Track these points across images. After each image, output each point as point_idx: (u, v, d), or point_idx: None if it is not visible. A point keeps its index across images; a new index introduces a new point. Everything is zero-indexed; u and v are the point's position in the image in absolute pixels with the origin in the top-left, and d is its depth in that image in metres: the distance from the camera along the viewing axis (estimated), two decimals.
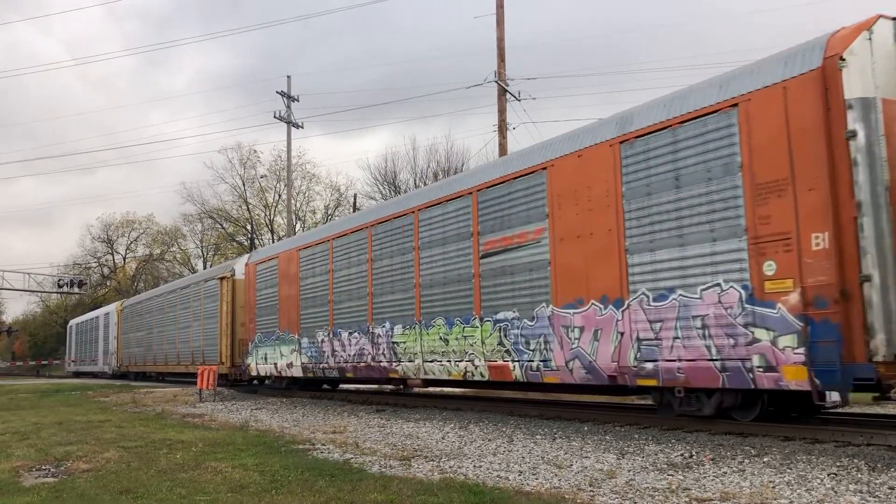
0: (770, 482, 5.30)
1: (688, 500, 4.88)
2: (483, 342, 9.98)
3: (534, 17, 73.16)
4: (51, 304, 66.21)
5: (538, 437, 8.22)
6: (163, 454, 7.58)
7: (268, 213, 49.89)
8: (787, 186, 6.60)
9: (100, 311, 38.91)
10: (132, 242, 61.85)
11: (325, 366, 14.07)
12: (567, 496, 5.11)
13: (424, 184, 36.53)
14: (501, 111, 20.39)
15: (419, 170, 38.91)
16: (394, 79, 70.50)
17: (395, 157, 48.85)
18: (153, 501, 5.36)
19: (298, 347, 15.08)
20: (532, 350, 9.21)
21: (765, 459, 6.20)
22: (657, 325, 7.65)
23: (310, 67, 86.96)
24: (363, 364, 12.77)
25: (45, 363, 53.47)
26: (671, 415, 8.29)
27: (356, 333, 13.09)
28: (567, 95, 64.88)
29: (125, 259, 62.05)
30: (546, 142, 9.61)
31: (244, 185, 49.79)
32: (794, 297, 6.49)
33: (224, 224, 51.51)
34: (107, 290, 58.45)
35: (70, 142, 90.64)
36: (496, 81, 20.22)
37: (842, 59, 6.28)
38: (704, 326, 7.20)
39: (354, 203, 37.31)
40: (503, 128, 20.37)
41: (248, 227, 50.23)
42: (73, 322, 45.11)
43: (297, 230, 41.75)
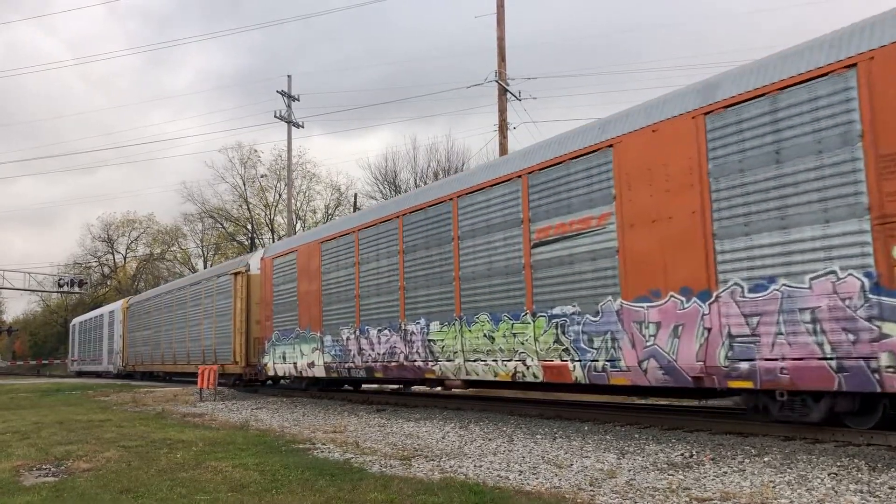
0: (770, 482, 5.30)
1: (688, 500, 4.88)
2: (536, 340, 9.10)
3: (534, 17, 73.24)
4: (51, 304, 66.24)
5: (538, 437, 8.22)
6: (163, 454, 7.59)
7: (268, 213, 49.98)
8: None
9: (104, 309, 37.61)
10: (132, 242, 61.98)
11: (351, 365, 13.19)
12: (567, 496, 5.11)
13: (425, 183, 36.32)
14: (502, 111, 20.40)
15: (419, 169, 38.97)
16: (394, 78, 70.61)
17: (396, 157, 49.00)
18: (154, 501, 5.36)
19: (320, 346, 14.24)
20: (596, 349, 8.35)
21: (765, 459, 6.20)
22: (754, 320, 6.80)
23: (310, 67, 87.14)
24: (395, 364, 11.93)
25: (46, 363, 53.49)
26: (765, 420, 7.58)
27: (386, 331, 12.24)
28: (567, 95, 64.91)
29: (125, 258, 62.15)
30: (610, 118, 8.75)
31: (244, 185, 49.90)
32: None
33: (224, 223, 51.61)
34: (107, 290, 58.48)
35: (70, 141, 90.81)
36: (497, 81, 20.22)
37: None
38: (815, 320, 6.35)
39: (355, 203, 37.29)
40: (504, 127, 20.37)
41: (249, 227, 50.32)
42: (76, 320, 43.97)
43: (298, 230, 41.75)
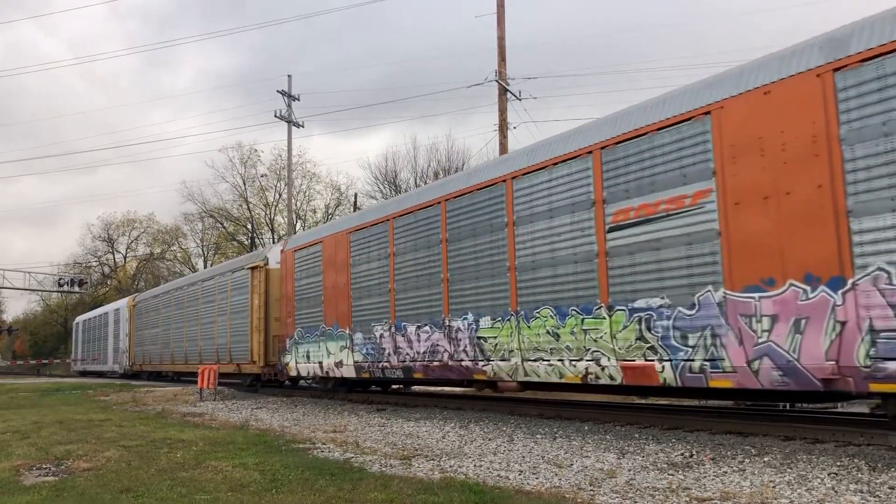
0: (770, 482, 5.30)
1: (688, 500, 4.88)
2: (613, 337, 8.10)
3: (534, 17, 73.24)
4: (51, 304, 66.27)
5: (538, 437, 8.22)
6: (163, 453, 7.59)
7: (268, 213, 50.02)
8: None
9: (109, 307, 36.19)
10: (133, 241, 62.05)
11: (386, 365, 12.23)
12: (567, 495, 5.11)
13: (425, 182, 36.23)
14: (502, 110, 20.40)
15: (420, 169, 38.96)
16: (394, 78, 70.63)
17: (396, 157, 49.15)
18: (154, 500, 5.36)
19: (350, 344, 13.28)
20: (691, 346, 7.32)
21: (765, 459, 6.20)
22: None
23: (310, 67, 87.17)
24: (437, 363, 10.99)
25: (46, 362, 53.49)
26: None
27: (427, 327, 11.27)
28: (567, 95, 64.91)
29: (126, 258, 62.19)
30: (705, 81, 7.68)
31: (245, 185, 49.96)
32: None
33: (224, 223, 51.65)
34: (107, 290, 58.51)
35: (71, 141, 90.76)
36: (497, 81, 20.23)
37: None
38: None
39: (355, 203, 37.26)
40: (504, 127, 20.38)
41: (249, 227, 50.34)
42: (79, 319, 42.70)
43: (298, 229, 41.76)
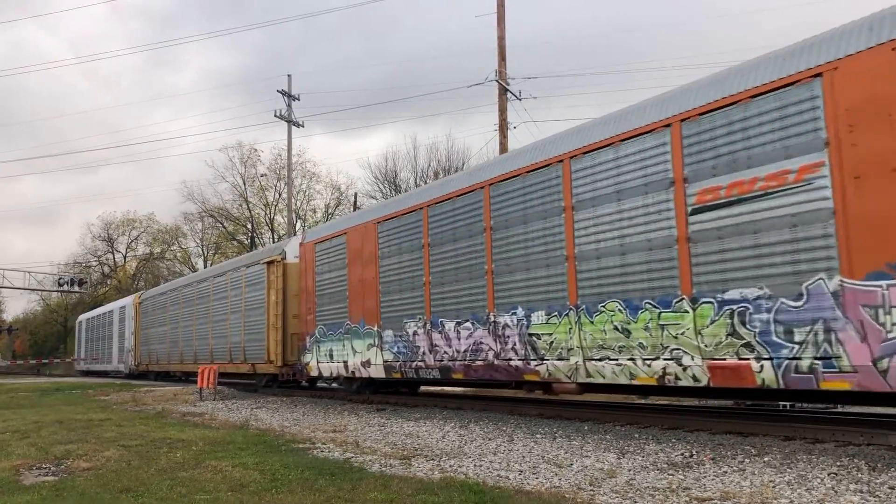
0: (770, 482, 5.30)
1: (688, 500, 4.88)
2: (698, 332, 7.31)
3: (534, 17, 73.26)
4: (51, 303, 66.28)
5: (538, 437, 8.22)
6: (163, 453, 7.59)
7: (268, 212, 50.03)
8: None
9: (114, 305, 35.18)
10: (133, 241, 62.03)
11: (421, 365, 11.50)
12: (567, 495, 5.11)
13: (425, 182, 36.10)
14: (502, 110, 20.41)
15: (420, 169, 38.93)
16: (394, 78, 70.68)
17: (396, 157, 49.16)
18: (154, 500, 5.36)
19: (379, 342, 12.56)
20: (798, 343, 6.55)
21: (765, 459, 6.20)
22: None
23: (311, 67, 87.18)
24: (480, 363, 10.23)
25: (46, 362, 53.46)
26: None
27: (468, 323, 10.50)
28: (567, 95, 64.93)
29: (125, 258, 62.19)
30: (812, 40, 6.81)
31: (244, 184, 49.95)
32: None
33: (224, 223, 51.65)
34: (107, 289, 58.50)
35: (72, 140, 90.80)
36: (497, 80, 20.24)
37: None
38: None
39: (355, 203, 37.23)
40: (504, 127, 20.39)
41: (249, 226, 50.34)
42: (83, 317, 41.93)
43: (297, 229, 41.74)
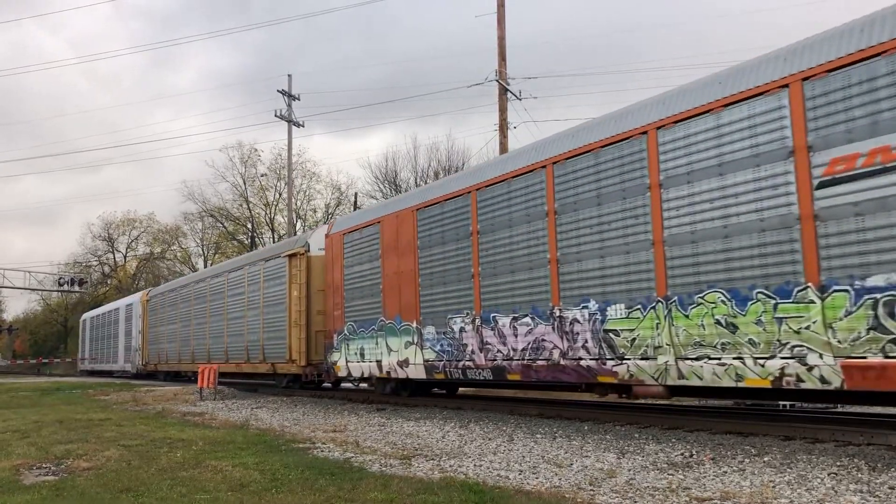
0: (770, 482, 5.30)
1: (688, 500, 4.89)
2: (828, 327, 6.41)
3: (534, 17, 73.27)
4: (51, 303, 66.29)
5: (538, 437, 8.22)
6: (163, 453, 7.59)
7: (268, 212, 50.00)
8: None
9: (120, 303, 34.15)
10: (133, 241, 62.00)
11: (469, 364, 10.67)
12: (567, 495, 5.11)
13: (425, 182, 35.93)
14: (502, 110, 20.40)
15: (420, 169, 38.87)
16: (395, 78, 70.68)
17: (396, 157, 49.11)
18: (154, 500, 5.36)
19: (418, 340, 11.79)
20: None
21: (765, 459, 6.20)
22: None
23: (311, 67, 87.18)
24: (543, 362, 9.35)
25: (46, 362, 53.50)
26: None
27: (527, 318, 9.63)
28: (567, 95, 64.94)
29: (126, 257, 62.18)
30: None
31: (245, 184, 49.91)
32: None
33: (224, 223, 51.64)
34: (107, 289, 58.49)
35: (73, 140, 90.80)
36: (497, 80, 20.23)
37: None
38: None
39: (355, 203, 37.18)
40: (504, 127, 20.38)
41: (249, 226, 50.33)
42: (87, 316, 40.97)
43: (298, 229, 41.73)
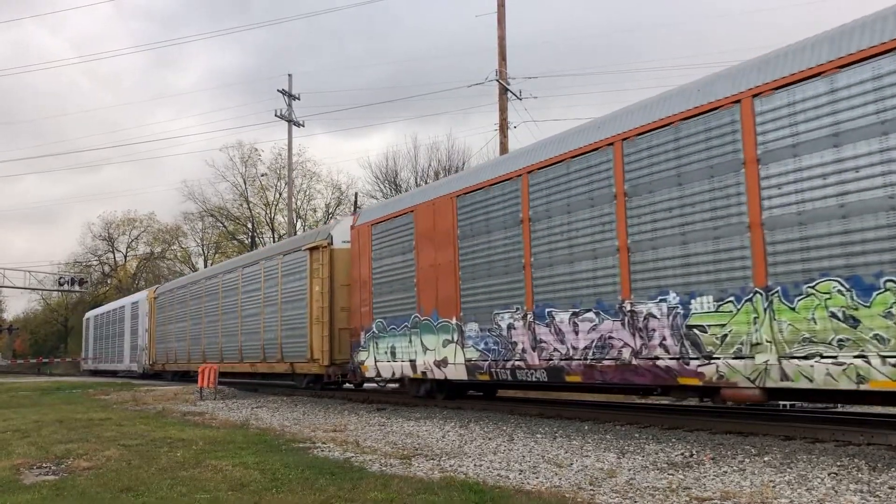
0: (770, 481, 5.30)
1: (688, 500, 4.89)
2: None
3: (535, 16, 73.24)
4: (51, 303, 66.28)
5: (538, 436, 8.22)
6: (163, 452, 7.59)
7: (268, 212, 49.97)
8: None
9: (125, 301, 33.16)
10: (133, 241, 61.97)
11: (519, 364, 9.74)
12: (567, 495, 5.11)
13: (426, 182, 35.77)
14: (503, 110, 20.40)
15: (420, 168, 38.82)
16: (395, 78, 70.66)
17: (397, 156, 48.89)
18: (154, 499, 5.36)
19: (458, 337, 10.90)
20: None
21: (765, 459, 6.20)
22: None
23: (312, 66, 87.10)
24: (610, 362, 8.45)
25: (46, 361, 53.47)
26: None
27: (590, 314, 8.76)
28: (567, 95, 64.95)
29: (126, 257, 62.16)
30: None
31: (245, 184, 49.87)
32: None
33: (225, 222, 51.62)
34: (107, 289, 58.47)
35: (74, 139, 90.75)
36: (497, 80, 20.23)
37: None
38: None
39: (355, 203, 37.13)
40: (504, 126, 20.38)
41: (249, 226, 50.32)
42: (90, 314, 40.32)
43: (298, 229, 41.70)
